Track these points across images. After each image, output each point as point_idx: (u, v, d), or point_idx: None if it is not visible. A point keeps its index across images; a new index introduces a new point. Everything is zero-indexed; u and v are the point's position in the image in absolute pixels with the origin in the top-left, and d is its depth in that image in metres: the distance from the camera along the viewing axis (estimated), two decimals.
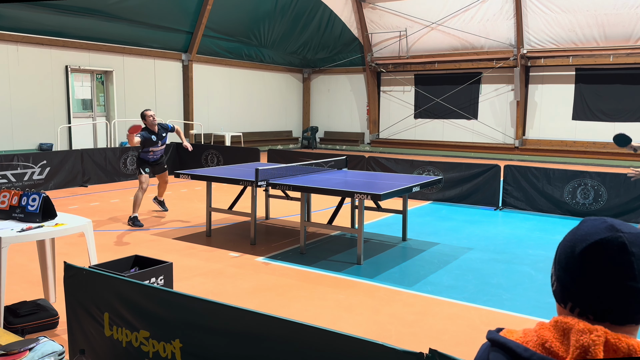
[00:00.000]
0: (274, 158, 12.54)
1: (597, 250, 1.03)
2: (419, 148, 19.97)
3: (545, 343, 1.02)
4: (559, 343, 1.01)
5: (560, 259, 1.09)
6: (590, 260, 1.03)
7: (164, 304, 2.59)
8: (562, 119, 17.82)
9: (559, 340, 1.01)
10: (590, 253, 1.03)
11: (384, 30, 20.15)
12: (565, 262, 1.07)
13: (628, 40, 16.11)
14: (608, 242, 1.02)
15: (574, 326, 1.00)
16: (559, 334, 1.02)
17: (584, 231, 1.07)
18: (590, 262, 1.03)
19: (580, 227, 1.09)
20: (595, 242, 1.03)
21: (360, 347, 2.03)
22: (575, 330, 0.99)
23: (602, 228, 1.05)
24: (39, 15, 12.97)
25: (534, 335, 1.04)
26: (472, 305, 4.76)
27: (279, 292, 5.05)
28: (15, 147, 12.88)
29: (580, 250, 1.05)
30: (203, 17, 16.48)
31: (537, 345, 1.02)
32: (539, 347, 1.02)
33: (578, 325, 1.00)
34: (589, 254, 1.03)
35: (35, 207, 3.98)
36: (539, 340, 1.02)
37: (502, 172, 9.34)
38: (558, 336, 1.02)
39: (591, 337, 0.97)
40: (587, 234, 1.06)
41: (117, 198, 10.14)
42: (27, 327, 3.98)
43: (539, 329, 1.05)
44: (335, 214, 6.51)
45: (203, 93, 18.04)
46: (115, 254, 5.82)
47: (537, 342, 1.02)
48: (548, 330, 1.03)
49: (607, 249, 1.02)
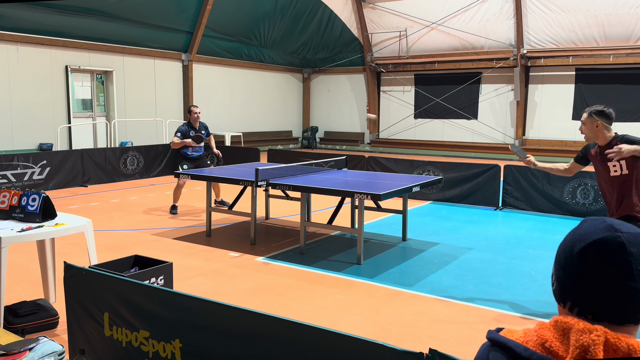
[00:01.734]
0: (274, 158, 12.55)
1: (596, 250, 1.03)
2: (419, 148, 19.97)
3: (545, 343, 1.01)
4: (558, 343, 1.01)
5: (560, 259, 1.09)
6: (588, 259, 1.03)
7: (164, 304, 2.59)
8: (562, 119, 17.82)
9: (558, 340, 1.01)
10: (589, 252, 1.03)
11: (384, 30, 20.15)
12: (564, 262, 1.07)
13: (628, 40, 16.11)
14: (607, 242, 1.02)
15: (573, 326, 1.00)
16: (559, 333, 1.02)
17: (583, 231, 1.07)
18: (589, 262, 1.03)
19: (580, 226, 1.09)
20: (593, 242, 1.03)
21: (360, 347, 2.03)
22: (575, 330, 0.99)
23: (601, 228, 1.04)
24: (39, 15, 12.97)
25: (534, 335, 1.04)
26: (472, 305, 4.76)
27: (279, 292, 5.05)
28: (15, 147, 12.88)
29: (579, 250, 1.05)
30: (203, 17, 16.48)
31: (537, 345, 1.02)
32: (539, 346, 1.01)
33: (578, 325, 0.99)
34: (587, 253, 1.03)
35: (35, 207, 3.98)
36: (539, 340, 1.02)
37: (502, 172, 9.34)
38: (558, 336, 1.02)
39: (591, 336, 0.97)
40: (586, 233, 1.06)
41: (117, 198, 10.14)
42: (27, 327, 3.98)
43: (538, 329, 1.05)
44: (335, 214, 6.51)
45: (203, 93, 18.04)
46: (115, 254, 5.82)
47: (537, 342, 1.02)
48: (548, 330, 1.03)
49: (605, 248, 1.02)
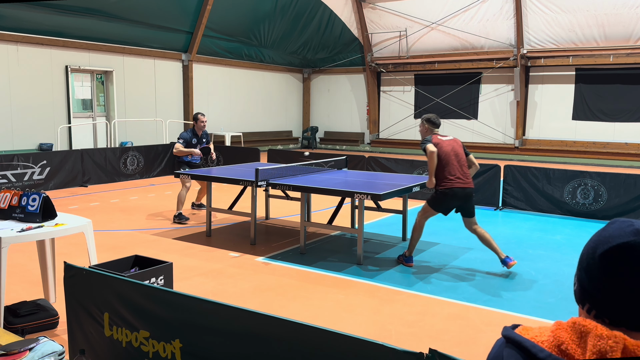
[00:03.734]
0: (274, 158, 12.54)
1: (618, 254, 0.99)
2: (418, 148, 19.87)
3: (561, 345, 0.99)
4: (575, 345, 0.98)
5: (582, 259, 1.06)
6: (609, 263, 1.00)
7: (164, 304, 2.59)
8: (562, 119, 17.82)
9: (575, 342, 0.99)
10: (610, 256, 1.00)
11: (384, 30, 20.15)
12: (586, 263, 1.04)
13: (628, 40, 16.10)
14: (630, 247, 0.99)
15: (592, 330, 0.97)
16: (576, 336, 0.99)
17: (609, 233, 1.03)
18: (610, 265, 1.00)
19: (606, 228, 1.06)
20: (616, 246, 1.00)
21: (360, 347, 2.03)
22: (593, 335, 0.97)
23: (628, 231, 1.01)
24: (39, 15, 12.97)
25: (551, 335, 1.02)
26: (472, 305, 4.76)
27: (279, 292, 5.05)
28: (15, 147, 12.88)
29: (601, 253, 1.01)
30: (203, 17, 16.48)
31: (553, 346, 1.00)
32: (555, 348, 0.99)
33: (596, 330, 0.97)
34: (609, 256, 1.00)
35: (35, 207, 3.98)
36: (555, 341, 1.00)
37: (502, 172, 9.34)
38: (575, 338, 0.99)
39: (609, 342, 0.94)
40: (610, 236, 1.02)
41: (117, 198, 10.14)
42: (27, 327, 3.98)
43: (555, 329, 1.03)
44: (335, 214, 6.51)
45: (203, 93, 18.05)
46: (115, 254, 5.82)
47: (553, 343, 1.00)
48: (565, 332, 1.01)
49: (628, 253, 0.98)
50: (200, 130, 8.58)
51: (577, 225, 8.22)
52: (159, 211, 8.89)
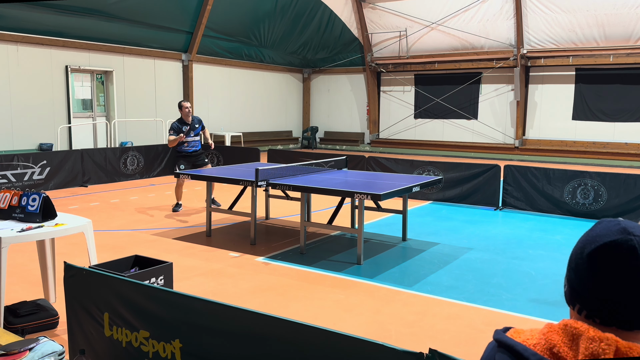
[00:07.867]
0: (274, 158, 12.54)
1: (606, 253, 0.99)
2: (419, 148, 19.97)
3: (553, 348, 0.99)
4: (567, 348, 0.98)
5: (571, 260, 1.06)
6: (597, 262, 1.00)
7: (164, 304, 2.59)
8: (562, 119, 17.82)
9: (567, 345, 0.98)
10: (598, 255, 1.00)
11: (384, 30, 20.15)
12: (575, 263, 1.04)
13: (628, 40, 16.10)
14: (617, 245, 0.98)
15: (584, 333, 0.97)
16: (568, 338, 0.99)
17: (596, 232, 1.03)
18: (598, 265, 0.99)
19: (593, 228, 1.06)
20: (604, 244, 1.00)
21: (360, 347, 2.03)
22: (585, 338, 0.96)
23: (614, 230, 1.01)
24: (39, 15, 12.97)
25: (542, 338, 1.01)
26: (472, 305, 4.76)
27: (279, 292, 5.05)
28: (15, 147, 12.88)
29: (589, 252, 1.01)
30: (203, 17, 16.48)
31: (545, 349, 0.99)
32: (547, 351, 0.99)
33: (588, 333, 0.96)
34: (597, 256, 1.00)
35: (35, 207, 3.98)
36: (547, 344, 1.00)
37: (502, 172, 9.34)
38: (567, 341, 0.99)
39: (601, 345, 0.94)
40: (598, 235, 1.02)
41: (117, 198, 10.14)
42: (27, 327, 3.98)
43: (547, 332, 1.02)
44: (335, 214, 6.51)
45: (203, 93, 18.04)
46: (115, 254, 5.82)
47: (545, 346, 1.00)
48: (557, 334, 1.00)
49: (615, 252, 0.98)
50: (187, 117, 8.72)
51: (577, 225, 8.22)
52: (159, 211, 8.89)
